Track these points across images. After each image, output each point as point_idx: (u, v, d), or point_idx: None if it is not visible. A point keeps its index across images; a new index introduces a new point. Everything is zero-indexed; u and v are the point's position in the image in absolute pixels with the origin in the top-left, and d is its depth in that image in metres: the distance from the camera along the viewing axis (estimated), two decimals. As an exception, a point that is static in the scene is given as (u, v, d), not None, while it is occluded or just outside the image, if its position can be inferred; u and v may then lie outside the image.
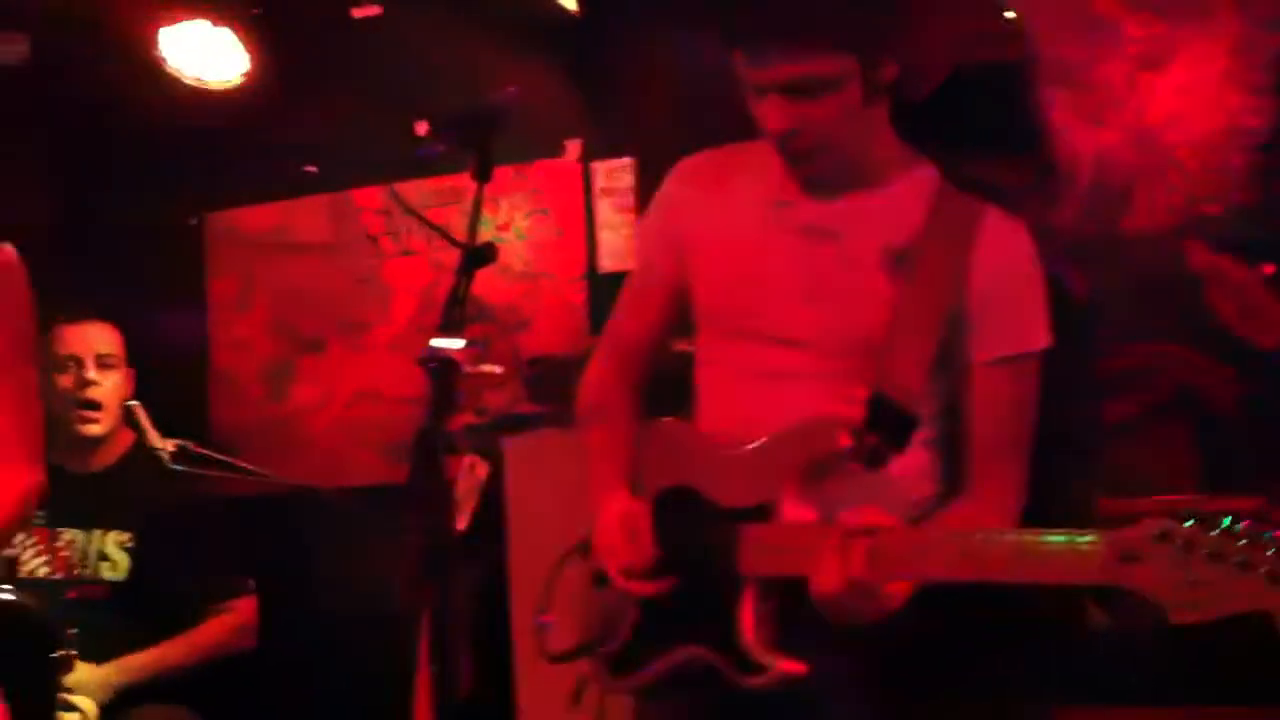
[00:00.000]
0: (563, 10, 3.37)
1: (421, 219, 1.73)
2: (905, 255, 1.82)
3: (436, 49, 3.69)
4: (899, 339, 1.80)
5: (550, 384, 2.92)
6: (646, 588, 1.85)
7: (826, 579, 1.64)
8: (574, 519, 2.07)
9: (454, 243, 1.64)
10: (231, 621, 3.25)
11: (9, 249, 1.88)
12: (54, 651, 2.57)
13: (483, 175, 1.73)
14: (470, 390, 2.06)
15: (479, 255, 1.64)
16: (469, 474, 2.99)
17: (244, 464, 3.39)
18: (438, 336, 1.56)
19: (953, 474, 1.87)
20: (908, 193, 1.87)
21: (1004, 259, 1.83)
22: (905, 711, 1.81)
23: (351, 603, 3.62)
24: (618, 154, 3.52)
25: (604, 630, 1.94)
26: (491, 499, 2.87)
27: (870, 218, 1.85)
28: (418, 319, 3.81)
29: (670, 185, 2.02)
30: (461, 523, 2.92)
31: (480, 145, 1.73)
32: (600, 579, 1.96)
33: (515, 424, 2.93)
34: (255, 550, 3.38)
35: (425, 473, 1.47)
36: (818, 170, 1.84)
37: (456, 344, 1.56)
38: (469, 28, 3.61)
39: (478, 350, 1.52)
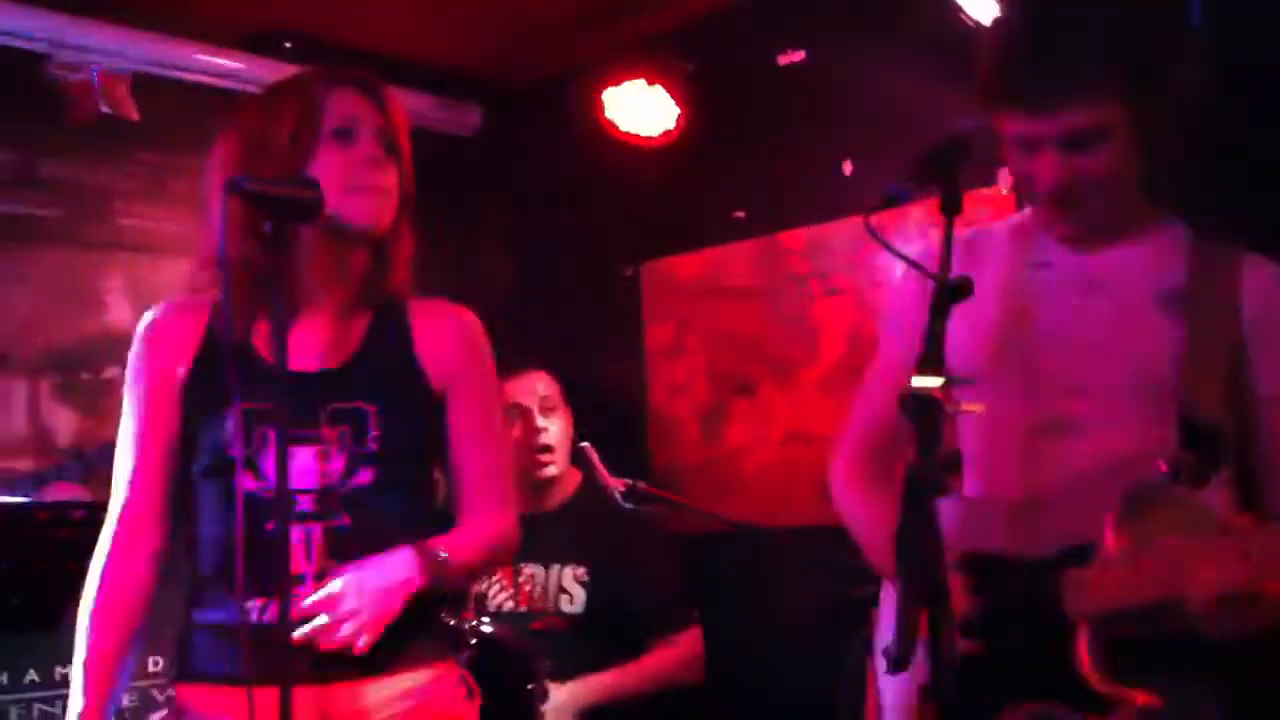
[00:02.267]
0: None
1: (897, 254, 1.71)
2: (1178, 296, 1.85)
3: (862, 88, 3.69)
4: (1192, 372, 1.81)
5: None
6: (969, 646, 1.81)
7: (1207, 585, 1.61)
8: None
9: (930, 276, 1.60)
10: (679, 653, 3.33)
11: (470, 312, 1.99)
12: (531, 683, 2.73)
13: (951, 208, 1.68)
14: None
15: (955, 290, 1.59)
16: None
17: (688, 502, 3.48)
18: (916, 375, 1.52)
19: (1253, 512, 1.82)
20: (1167, 241, 1.91)
21: (1272, 293, 1.85)
22: None
23: (791, 641, 3.64)
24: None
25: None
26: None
27: (1136, 265, 1.90)
28: (846, 359, 3.80)
29: (906, 279, 2.07)
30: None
31: (947, 177, 1.69)
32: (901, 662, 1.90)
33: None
34: (700, 585, 3.47)
35: (914, 516, 1.44)
36: (1084, 224, 1.89)
37: (935, 382, 1.52)
38: (893, 63, 3.58)
39: (956, 389, 1.47)
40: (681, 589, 3.42)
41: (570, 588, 3.29)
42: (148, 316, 1.93)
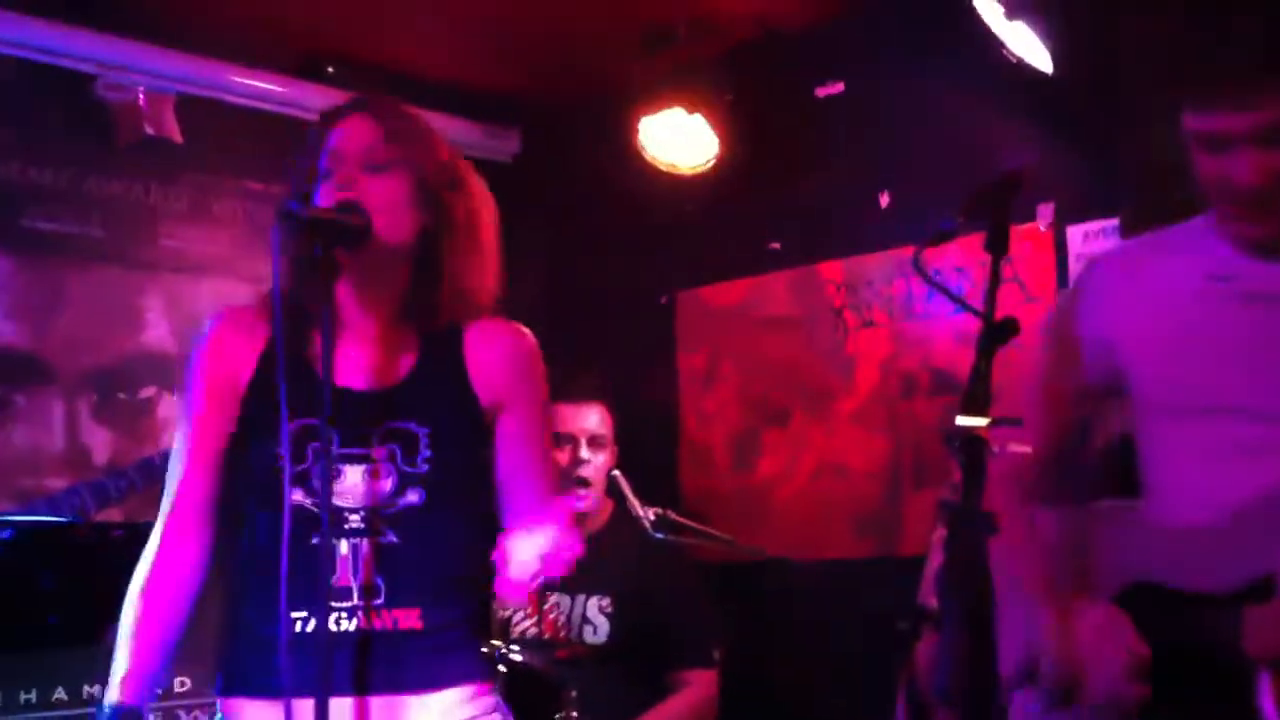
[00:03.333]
0: (1033, 71, 3.27)
1: (943, 290, 1.70)
2: None
3: (899, 121, 3.70)
4: None
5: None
6: (1143, 690, 1.73)
7: None
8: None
9: (976, 314, 1.59)
10: (691, 698, 3.30)
11: (527, 333, 1.97)
12: (559, 713, 2.72)
13: (998, 247, 1.68)
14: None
15: (1001, 329, 1.58)
16: (939, 549, 2.91)
17: (717, 532, 3.46)
18: (961, 414, 1.52)
19: None
20: None
21: None
22: None
23: (819, 676, 3.62)
24: (1099, 216, 3.37)
25: None
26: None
27: None
28: (881, 390, 3.79)
29: (1083, 285, 2.00)
30: (935, 600, 2.84)
31: (996, 217, 1.68)
32: (1064, 698, 1.84)
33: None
34: (726, 617, 3.45)
35: (960, 556, 1.43)
36: (1274, 229, 1.76)
37: (981, 422, 1.51)
38: (931, 97, 3.58)
39: (1006, 429, 1.46)
40: (706, 621, 3.40)
41: (594, 618, 3.28)
42: (207, 324, 1.93)
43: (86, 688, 2.83)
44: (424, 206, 1.86)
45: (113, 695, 1.79)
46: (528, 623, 3.28)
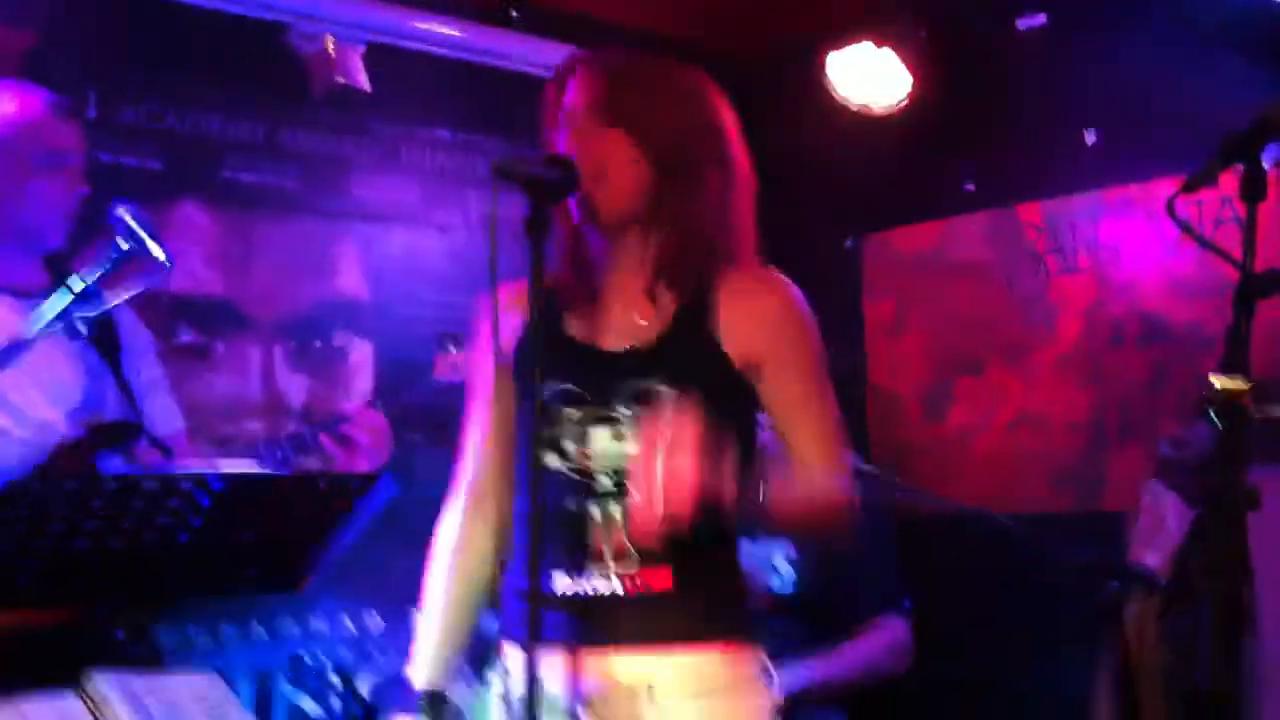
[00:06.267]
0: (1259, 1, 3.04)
1: (1202, 240, 1.57)
2: None
3: (1107, 54, 3.49)
4: None
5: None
6: None
7: None
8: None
9: (1236, 265, 1.47)
10: (884, 639, 3.23)
11: (782, 282, 1.91)
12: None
13: (1255, 192, 1.54)
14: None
15: (1263, 283, 1.45)
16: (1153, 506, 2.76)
17: (908, 483, 3.37)
18: (1218, 375, 1.39)
19: None
20: None
21: None
22: None
23: (1013, 635, 3.50)
24: (1331, 154, 3.12)
25: None
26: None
27: None
28: (1085, 339, 3.62)
29: None
30: (1153, 559, 2.70)
31: (1252, 159, 1.54)
32: None
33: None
34: (917, 570, 3.36)
35: (1215, 531, 1.31)
36: None
37: (1240, 384, 1.38)
38: (1141, 29, 3.37)
39: (1265, 390, 1.34)
40: (893, 574, 3.32)
41: (779, 565, 3.23)
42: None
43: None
44: (655, 161, 1.83)
45: (419, 678, 1.88)
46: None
